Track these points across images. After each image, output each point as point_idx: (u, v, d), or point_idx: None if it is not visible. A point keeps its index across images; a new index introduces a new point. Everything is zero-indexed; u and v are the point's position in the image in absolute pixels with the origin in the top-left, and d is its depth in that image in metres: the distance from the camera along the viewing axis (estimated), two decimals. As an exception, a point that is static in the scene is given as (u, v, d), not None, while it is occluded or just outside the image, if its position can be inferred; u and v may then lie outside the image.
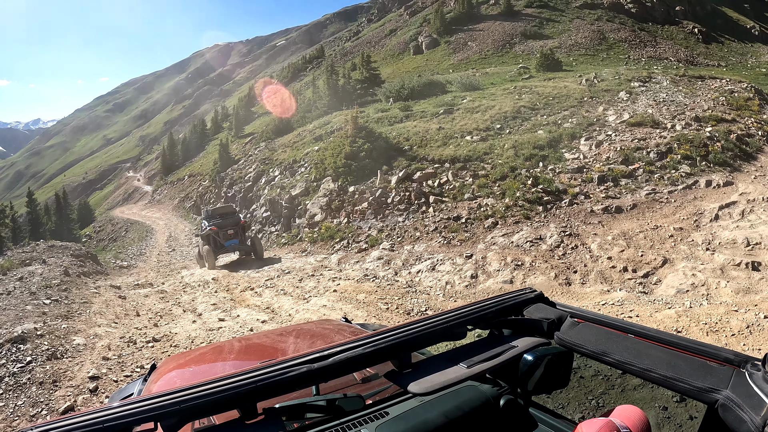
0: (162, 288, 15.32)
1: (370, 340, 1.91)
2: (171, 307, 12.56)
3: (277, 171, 26.57)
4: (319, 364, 1.79)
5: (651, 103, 23.72)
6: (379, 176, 19.06)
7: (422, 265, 13.61)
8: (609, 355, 1.94)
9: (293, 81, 69.51)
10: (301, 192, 22.00)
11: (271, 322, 10.66)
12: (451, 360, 1.93)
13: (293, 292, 13.02)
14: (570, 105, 23.74)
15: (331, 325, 4.31)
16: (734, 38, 51.79)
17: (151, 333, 10.09)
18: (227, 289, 14.33)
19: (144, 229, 39.96)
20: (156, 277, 18.38)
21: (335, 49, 79.98)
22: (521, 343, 2.08)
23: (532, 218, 15.11)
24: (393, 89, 31.71)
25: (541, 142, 19.52)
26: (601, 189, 16.42)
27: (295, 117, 37.93)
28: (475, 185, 17.27)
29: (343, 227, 17.94)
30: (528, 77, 32.63)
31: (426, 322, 2.06)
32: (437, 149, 20.12)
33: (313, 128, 30.33)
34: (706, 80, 28.70)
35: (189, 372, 3.47)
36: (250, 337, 4.31)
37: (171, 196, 50.71)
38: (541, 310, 2.35)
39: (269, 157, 30.07)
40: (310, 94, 41.07)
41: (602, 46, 45.16)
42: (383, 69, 45.21)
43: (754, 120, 22.10)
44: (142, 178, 77.24)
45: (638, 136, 19.71)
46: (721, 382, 1.66)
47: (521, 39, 47.31)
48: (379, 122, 24.62)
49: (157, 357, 8.75)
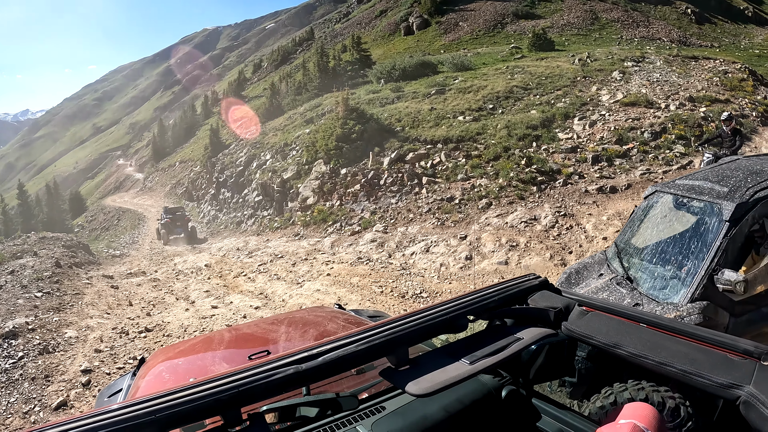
0: (155, 276, 15.29)
1: (363, 336, 1.76)
2: (164, 296, 12.53)
3: (269, 155, 26.37)
4: (307, 364, 1.63)
5: (644, 83, 23.57)
6: (371, 158, 18.87)
7: (416, 247, 13.50)
8: (621, 347, 1.81)
9: (283, 64, 68.88)
10: (292, 175, 21.82)
11: (264, 308, 10.61)
12: (452, 355, 1.78)
13: (286, 276, 13.00)
14: (563, 85, 23.55)
15: (323, 313, 4.20)
16: (727, 19, 51.55)
17: (143, 323, 10.07)
18: (220, 275, 14.28)
19: (136, 217, 40.06)
20: (149, 265, 18.38)
21: (325, 31, 79.21)
22: (527, 334, 1.92)
23: (527, 198, 14.99)
24: (384, 70, 31.50)
25: (534, 122, 19.36)
26: (596, 169, 16.31)
27: (285, 100, 37.65)
28: (468, 166, 17.12)
29: (335, 210, 17.79)
30: (520, 57, 32.37)
31: (424, 313, 1.91)
32: (429, 130, 19.92)
33: (303, 111, 30.10)
34: (699, 61, 28.53)
35: (178, 365, 3.37)
36: (241, 327, 4.18)
37: (162, 182, 50.66)
38: (547, 298, 2.21)
39: (260, 141, 29.87)
40: (301, 77, 40.70)
41: (594, 26, 44.83)
42: (374, 50, 44.84)
43: (748, 100, 22.01)
44: (132, 165, 77.10)
45: (632, 116, 19.59)
46: (744, 377, 1.54)
47: (513, 19, 46.88)
48: (370, 104, 24.38)
49: (150, 348, 8.77)
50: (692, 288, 4.30)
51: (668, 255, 4.84)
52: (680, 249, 4.74)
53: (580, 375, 2.72)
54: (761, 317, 4.32)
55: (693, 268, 4.45)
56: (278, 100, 38.43)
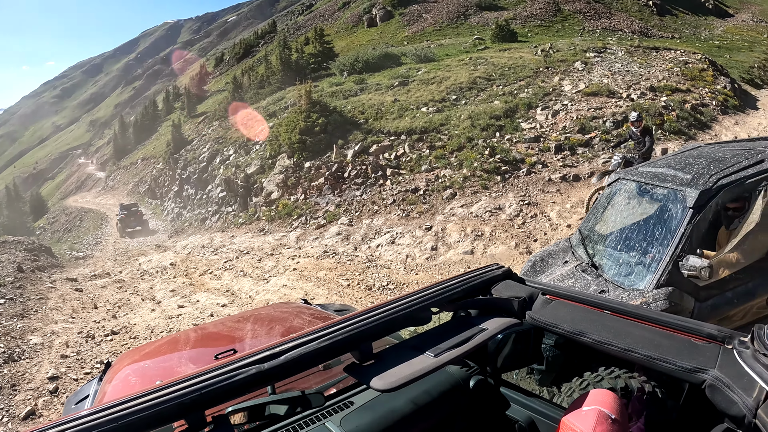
0: (119, 277, 15.08)
1: (326, 332, 1.72)
2: (129, 297, 12.37)
3: (232, 150, 26.04)
4: (269, 363, 1.59)
5: (606, 73, 23.88)
6: (335, 151, 18.73)
7: (382, 239, 13.45)
8: (586, 335, 1.81)
9: (245, 57, 68.16)
10: (256, 170, 21.56)
11: (231, 305, 10.51)
12: (417, 348, 1.75)
13: (253, 272, 12.91)
14: (526, 75, 23.71)
15: (289, 308, 4.21)
16: (688, 11, 52.69)
17: (109, 326, 9.94)
18: (186, 274, 14.12)
19: (99, 217, 39.60)
20: (113, 266, 18.15)
21: (288, 24, 78.71)
22: (491, 324, 1.92)
23: (491, 188, 15.06)
24: (347, 62, 31.36)
25: (497, 112, 19.44)
26: (559, 158, 16.48)
27: (248, 94, 37.23)
28: (432, 156, 17.12)
29: (300, 204, 17.63)
30: (483, 48, 32.52)
31: (386, 307, 1.88)
32: (393, 122, 19.86)
33: (266, 104, 29.74)
34: (660, 51, 29.07)
35: (144, 368, 3.33)
36: (207, 327, 4.16)
37: (125, 181, 50.01)
38: (510, 287, 2.20)
39: (223, 135, 29.49)
40: (263, 70, 40.27)
41: (557, 18, 45.30)
42: (337, 42, 44.58)
43: (708, 90, 22.54)
44: (94, 164, 75.87)
45: (594, 105, 19.83)
46: (708, 361, 1.57)
47: (476, 10, 47.07)
48: (333, 96, 24.19)
49: (117, 351, 8.67)
50: (657, 274, 4.34)
51: (633, 242, 4.88)
52: (645, 236, 4.78)
53: (548, 362, 2.74)
54: (726, 301, 4.37)
55: (658, 254, 4.49)
56: (241, 94, 38.00)
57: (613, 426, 1.50)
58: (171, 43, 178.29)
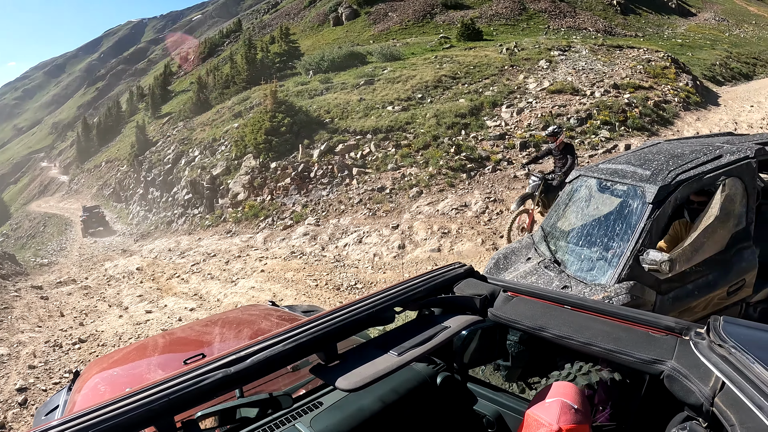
0: (86, 283, 14.82)
1: (291, 335, 1.73)
2: (96, 303, 12.16)
3: (197, 151, 25.72)
4: (236, 367, 1.60)
5: (570, 71, 24.19)
6: (300, 151, 18.63)
7: (349, 239, 13.44)
8: (547, 330, 1.86)
9: (210, 57, 67.32)
10: (222, 171, 21.34)
11: (199, 309, 10.39)
12: (381, 347, 1.78)
13: (220, 275, 12.79)
14: (491, 74, 23.87)
15: (257, 311, 4.22)
16: (652, 10, 53.75)
17: (77, 334, 9.76)
18: (153, 278, 13.94)
19: (63, 222, 39.01)
20: (79, 272, 17.83)
21: (253, 22, 77.93)
22: (453, 322, 1.95)
23: (457, 186, 15.14)
24: (313, 62, 31.22)
25: (462, 110, 19.55)
26: (524, 155, 16.63)
27: (213, 94, 36.85)
28: (398, 155, 17.15)
29: (267, 205, 17.51)
30: (449, 47, 32.65)
31: (351, 308, 1.91)
32: (359, 121, 19.83)
33: (232, 104, 29.49)
34: (624, 50, 29.53)
35: (113, 376, 3.32)
36: (175, 332, 4.16)
37: (89, 184, 49.14)
38: (472, 285, 2.25)
39: (188, 136, 29.14)
40: (228, 70, 39.87)
41: (522, 16, 45.73)
42: (303, 41, 44.37)
43: (671, 87, 22.99)
44: (57, 167, 74.53)
45: (558, 102, 20.08)
46: (666, 352, 1.62)
47: (442, 9, 47.26)
48: (299, 96, 24.05)
49: (85, 359, 8.51)
50: (619, 269, 4.41)
51: (594, 237, 4.94)
52: (606, 231, 4.85)
53: (513, 358, 2.75)
54: (687, 293, 4.45)
55: (619, 249, 4.55)
56: (206, 94, 37.58)
57: (576, 415, 1.54)
58: (135, 42, 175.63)
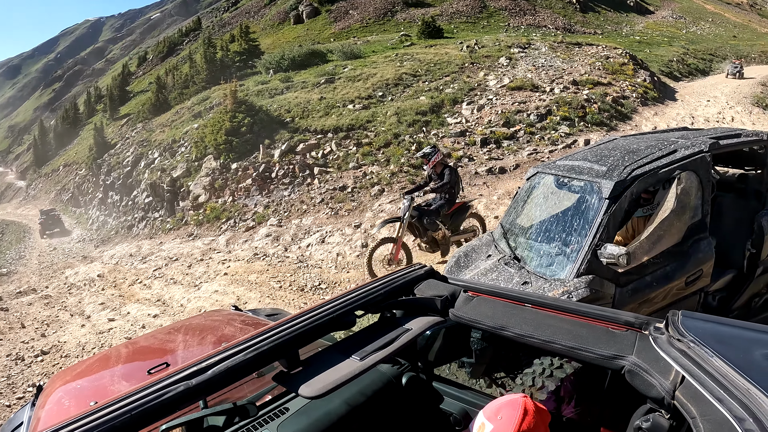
0: (46, 292, 14.42)
1: (252, 343, 1.70)
2: (57, 313, 11.84)
3: (157, 153, 25.28)
4: (197, 379, 1.56)
5: (530, 68, 24.52)
6: (261, 151, 18.48)
7: (312, 239, 13.38)
8: (508, 329, 1.87)
9: (169, 56, 66.26)
10: (182, 173, 21.02)
11: (163, 315, 10.21)
12: (343, 352, 1.76)
13: (183, 279, 12.58)
14: (451, 71, 24.06)
15: (220, 316, 4.17)
16: (610, 8, 54.91)
17: (39, 345, 9.46)
18: (114, 285, 13.66)
19: (21, 229, 38.20)
20: (39, 280, 17.37)
21: (213, 21, 77.00)
22: (415, 324, 1.95)
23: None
24: (273, 60, 31.03)
25: (423, 108, 19.64)
26: (485, 151, 16.79)
27: (172, 94, 36.32)
28: (360, 154, 17.15)
29: (228, 206, 17.32)
30: (410, 45, 32.77)
31: (311, 313, 1.88)
32: (319, 119, 19.75)
33: (191, 105, 29.10)
34: (583, 47, 30.09)
35: (77, 390, 3.21)
36: (138, 341, 4.11)
37: (47, 189, 48.00)
38: (433, 286, 2.24)
39: (147, 138, 28.62)
40: (187, 69, 39.37)
41: (483, 14, 46.19)
42: (263, 40, 44.06)
43: (629, 83, 23.53)
44: (13, 172, 72.81)
45: (518, 99, 20.34)
46: (626, 347, 1.64)
47: (403, 7, 47.41)
48: (259, 95, 23.82)
49: (49, 372, 8.25)
50: (577, 264, 4.42)
51: (553, 233, 4.95)
52: (564, 227, 4.86)
53: (477, 355, 2.75)
54: (645, 285, 4.51)
55: (577, 244, 4.57)
56: (165, 94, 37.01)
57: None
58: (92, 41, 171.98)
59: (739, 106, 23.54)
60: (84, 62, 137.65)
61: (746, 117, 21.57)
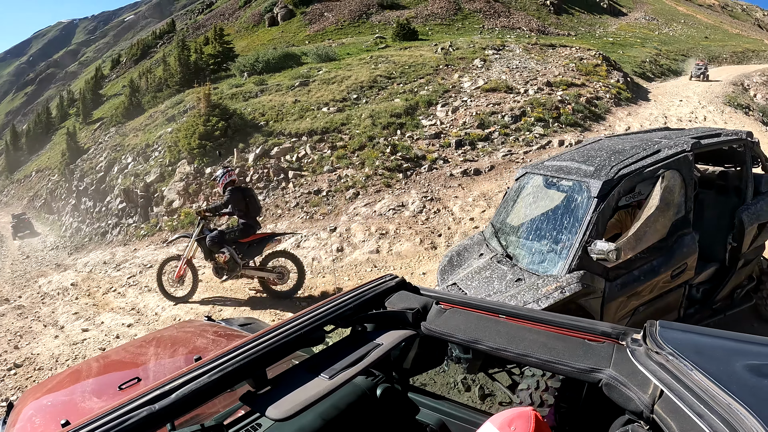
0: (19, 302, 14.07)
1: (217, 364, 1.66)
2: (31, 324, 11.54)
3: (130, 157, 24.92)
4: (161, 403, 1.51)
5: (504, 69, 24.69)
6: (235, 155, 18.33)
7: (287, 243, 13.29)
8: (481, 343, 1.84)
9: (143, 59, 65.54)
10: (156, 178, 20.76)
11: (137, 324, 10.03)
12: (312, 370, 1.73)
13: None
14: (426, 73, 24.14)
15: (192, 327, 4.10)
16: (584, 10, 55.64)
17: (11, 358, 9.22)
18: (88, 294, 13.39)
19: (-7, 237, 37.33)
20: (11, 290, 16.95)
21: (187, 23, 76.38)
22: (386, 339, 1.91)
23: (393, 186, 15.21)
24: (247, 63, 30.82)
25: (398, 110, 19.67)
26: (459, 153, 16.86)
27: (145, 97, 35.92)
28: (334, 157, 17.09)
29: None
30: (384, 47, 32.82)
31: (278, 330, 1.85)
32: (294, 123, 19.66)
33: (165, 108, 28.74)
34: (557, 48, 30.44)
35: (48, 406, 3.15)
36: (109, 354, 4.05)
37: (19, 196, 47.11)
38: (404, 298, 2.21)
39: (120, 143, 28.22)
40: (161, 72, 38.92)
41: (457, 16, 46.45)
42: (237, 42, 43.76)
43: (602, 84, 23.85)
44: (-16, 179, 70.68)
45: (493, 101, 20.46)
46: (602, 360, 1.61)
47: (378, 9, 47.47)
48: (233, 98, 23.67)
49: (22, 386, 8.02)
50: (569, 260, 4.64)
51: (544, 231, 5.17)
52: (554, 225, 5.09)
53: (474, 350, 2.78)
54: (633, 279, 4.76)
55: (568, 241, 4.79)
56: (138, 97, 36.61)
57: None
58: (65, 44, 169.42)
59: (711, 105, 23.99)
60: (57, 65, 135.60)
61: (718, 116, 21.97)
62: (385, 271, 11.11)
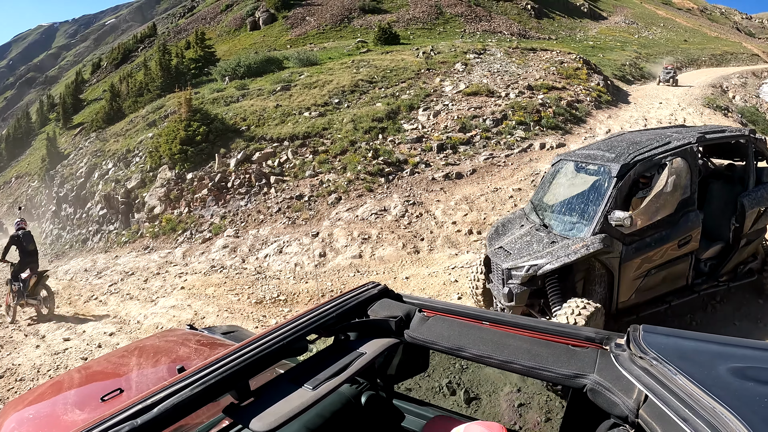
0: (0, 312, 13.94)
1: (199, 377, 1.64)
2: (12, 333, 11.40)
3: (111, 163, 24.69)
4: (143, 418, 1.50)
5: (486, 73, 24.82)
6: (217, 160, 18.24)
7: (269, 249, 13.29)
8: (465, 350, 1.84)
9: (124, 63, 64.82)
10: (137, 184, 20.59)
11: (119, 333, 9.95)
12: (295, 381, 1.72)
13: (139, 295, 12.30)
14: (407, 77, 24.19)
15: (174, 336, 4.09)
16: (564, 14, 56.09)
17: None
18: (69, 302, 13.26)
19: (-29, 246, 36.70)
20: None
21: (168, 27, 75.67)
22: (369, 348, 1.91)
23: (375, 190, 15.24)
24: (229, 67, 30.65)
25: (379, 114, 19.71)
26: (441, 157, 16.94)
27: (126, 102, 35.57)
28: (316, 162, 17.09)
29: (184, 218, 17.02)
30: (366, 51, 32.79)
31: (261, 341, 1.83)
32: (275, 127, 19.60)
33: (146, 113, 28.49)
34: (537, 52, 30.66)
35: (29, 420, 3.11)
36: (91, 365, 3.96)
37: (-1, 202, 46.21)
38: (387, 306, 2.20)
39: (101, 148, 27.94)
40: (142, 77, 38.58)
41: (439, 20, 46.59)
42: (219, 46, 43.53)
43: (583, 87, 24.08)
44: (-37, 185, 69.42)
45: (474, 104, 20.57)
46: (587, 365, 1.63)
47: (360, 13, 47.44)
48: (214, 103, 23.53)
49: (4, 397, 7.96)
50: (593, 225, 5.81)
51: (573, 205, 6.38)
52: (582, 199, 6.30)
53: None
54: (645, 245, 5.93)
55: (593, 212, 5.95)
56: (119, 102, 36.09)
57: None
58: (45, 48, 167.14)
59: (691, 107, 24.30)
60: (37, 69, 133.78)
61: (698, 118, 22.25)
62: (368, 275, 11.13)
